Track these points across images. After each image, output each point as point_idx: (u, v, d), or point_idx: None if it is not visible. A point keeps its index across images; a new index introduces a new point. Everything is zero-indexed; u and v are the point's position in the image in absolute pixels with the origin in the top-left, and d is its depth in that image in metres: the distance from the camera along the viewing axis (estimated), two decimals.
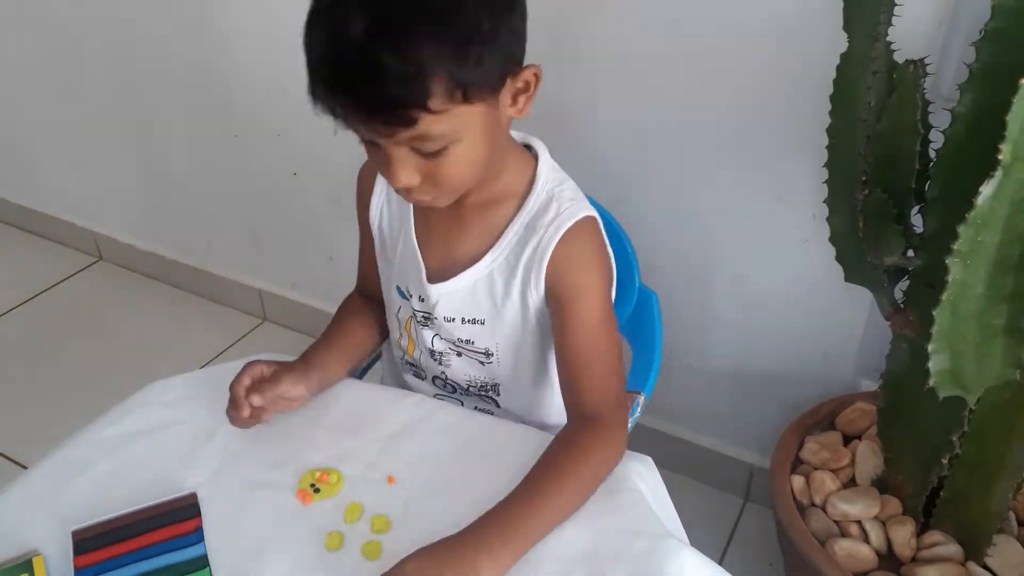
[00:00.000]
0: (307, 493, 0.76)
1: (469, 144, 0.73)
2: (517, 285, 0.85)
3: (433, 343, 0.92)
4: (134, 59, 1.81)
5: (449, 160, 0.73)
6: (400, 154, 0.72)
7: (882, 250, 0.93)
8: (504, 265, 0.85)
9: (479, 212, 0.85)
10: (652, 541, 0.70)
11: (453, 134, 0.71)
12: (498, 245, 0.85)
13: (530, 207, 0.84)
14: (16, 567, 0.70)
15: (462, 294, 0.87)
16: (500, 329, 0.88)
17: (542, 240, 0.82)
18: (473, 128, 0.73)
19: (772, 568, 1.37)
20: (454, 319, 0.89)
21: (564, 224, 0.82)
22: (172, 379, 0.92)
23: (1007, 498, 1.03)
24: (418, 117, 0.68)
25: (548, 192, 0.85)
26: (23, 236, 2.36)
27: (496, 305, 0.87)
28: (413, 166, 0.73)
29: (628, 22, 1.20)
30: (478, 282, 0.86)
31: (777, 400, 1.39)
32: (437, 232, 0.88)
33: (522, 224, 0.84)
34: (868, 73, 0.89)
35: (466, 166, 0.75)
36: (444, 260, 0.88)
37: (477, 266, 0.86)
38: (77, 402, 1.32)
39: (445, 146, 0.72)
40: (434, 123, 0.69)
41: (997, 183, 0.73)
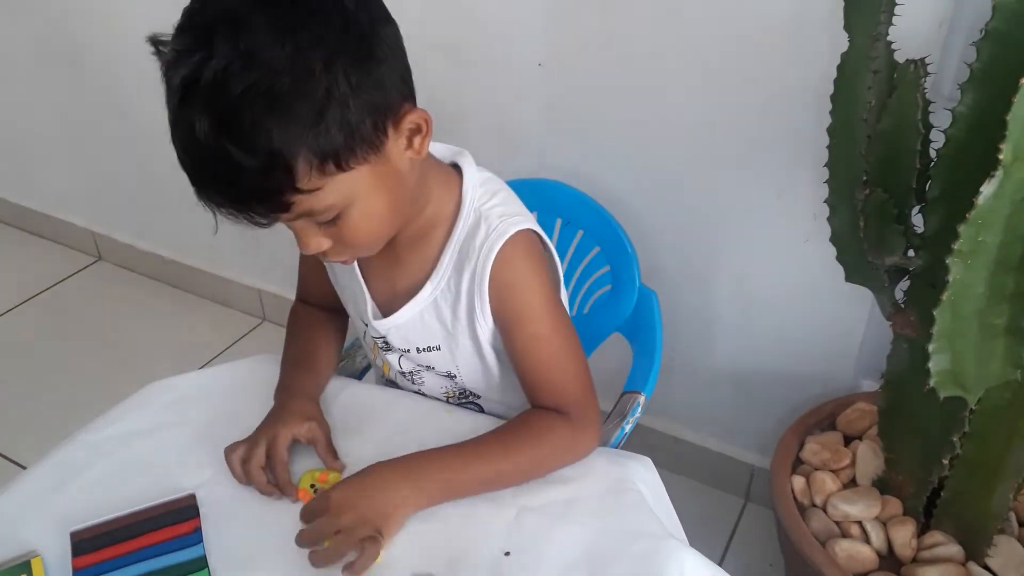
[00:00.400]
0: (307, 493, 0.76)
1: (365, 204, 0.71)
2: (463, 312, 0.84)
3: (400, 364, 0.92)
4: (134, 59, 1.80)
5: (350, 224, 0.72)
6: (300, 226, 0.72)
7: (883, 250, 0.93)
8: (446, 291, 0.84)
9: (411, 245, 0.83)
10: (652, 542, 0.70)
11: (342, 201, 0.70)
12: (435, 273, 0.83)
13: (459, 232, 0.82)
14: (15, 568, 0.69)
15: (411, 325, 0.86)
16: (458, 352, 0.88)
17: (476, 267, 0.80)
18: (363, 188, 0.70)
19: (772, 569, 1.37)
20: (408, 350, 0.89)
21: (494, 247, 0.79)
22: (172, 379, 0.91)
23: (1008, 498, 1.02)
24: (292, 200, 0.67)
25: (475, 213, 0.82)
26: (23, 236, 2.36)
27: (448, 331, 0.86)
28: (318, 233, 0.73)
29: (628, 22, 1.20)
30: (424, 311, 0.85)
31: (777, 400, 1.39)
32: (378, 267, 0.87)
33: (454, 250, 0.82)
34: (869, 73, 0.89)
35: (370, 224, 0.74)
36: (388, 293, 0.87)
37: (418, 297, 0.84)
38: (77, 402, 1.32)
39: (339, 213, 0.71)
40: (313, 199, 0.67)
41: (998, 183, 0.73)
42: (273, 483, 0.77)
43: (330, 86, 0.64)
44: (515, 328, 0.82)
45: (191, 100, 0.64)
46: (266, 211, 0.68)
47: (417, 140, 0.73)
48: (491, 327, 0.84)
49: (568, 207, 1.17)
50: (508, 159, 1.39)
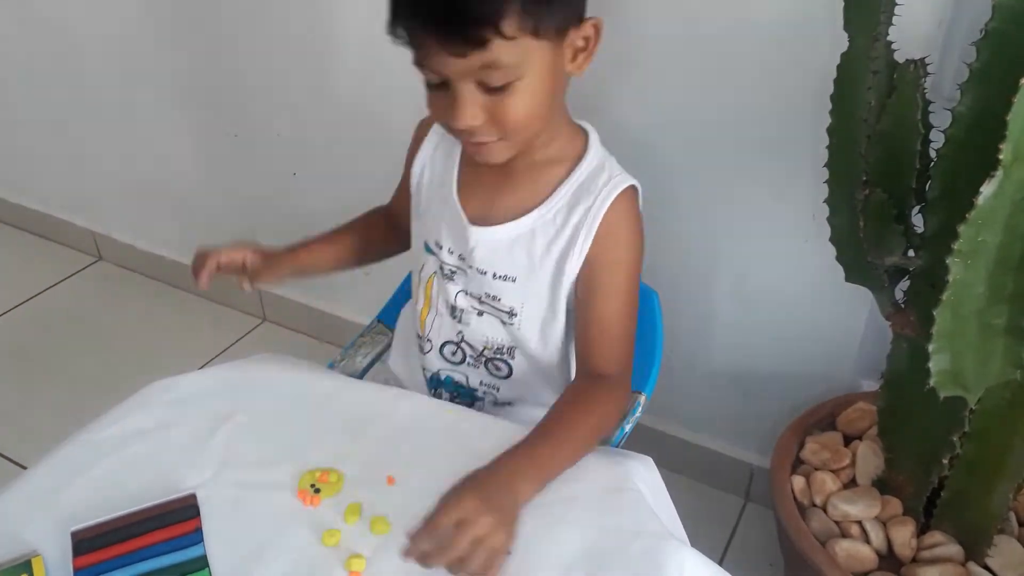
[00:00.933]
0: (307, 493, 0.76)
1: (532, 82, 0.76)
2: (559, 247, 0.87)
3: (456, 299, 0.93)
4: (134, 59, 1.81)
5: (513, 98, 0.76)
6: (467, 90, 0.76)
7: (882, 250, 0.93)
8: (549, 224, 0.87)
9: (529, 171, 0.88)
10: (652, 541, 0.70)
11: (519, 68, 0.75)
12: (548, 202, 0.87)
13: (582, 170, 0.88)
14: (15, 568, 0.70)
15: (500, 246, 0.89)
16: (530, 288, 0.89)
17: (595, 203, 0.85)
18: (537, 66, 0.76)
19: (772, 568, 1.37)
20: (485, 272, 0.90)
21: (617, 188, 0.86)
22: (172, 379, 0.91)
23: (1008, 498, 1.02)
24: (490, 39, 0.72)
25: (600, 160, 0.89)
26: (23, 236, 2.36)
27: (533, 264, 0.88)
28: (478, 104, 0.77)
29: (627, 23, 1.20)
30: (519, 237, 0.88)
31: (777, 400, 1.39)
32: (481, 185, 0.90)
33: (574, 184, 0.87)
34: (868, 73, 0.89)
35: (529, 106, 0.78)
36: (484, 211, 0.90)
37: (522, 220, 0.88)
38: (77, 402, 1.32)
39: (510, 81, 0.75)
40: (503, 50, 0.73)
41: (998, 183, 0.73)
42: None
43: None
44: (605, 274, 0.87)
45: None
46: (465, 41, 0.72)
47: (581, 56, 0.81)
48: (576, 271, 0.87)
49: None
50: None
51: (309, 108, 1.61)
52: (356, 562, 0.69)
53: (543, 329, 0.92)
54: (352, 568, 0.69)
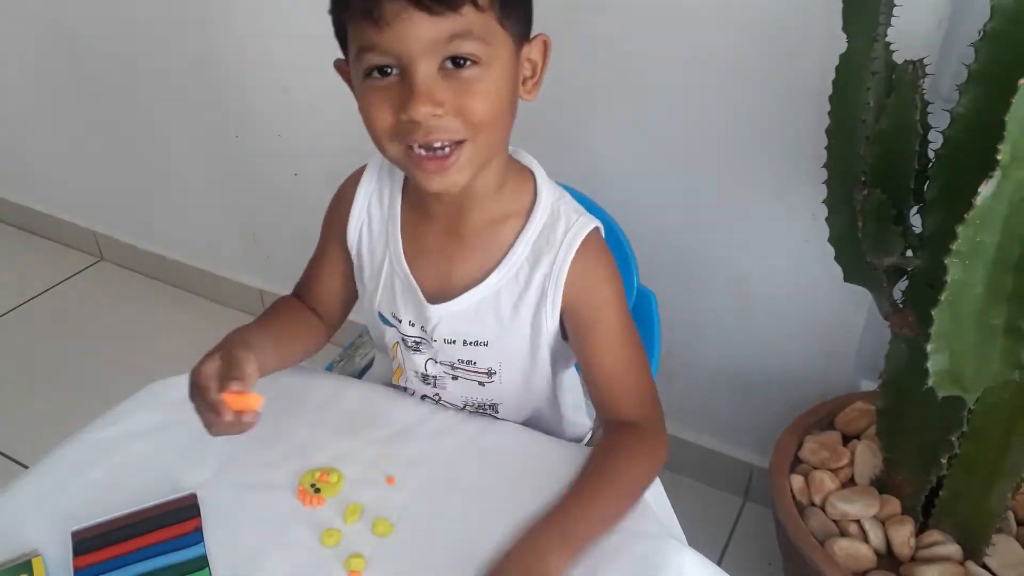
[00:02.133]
0: (307, 493, 0.76)
1: (497, 76, 0.71)
2: (529, 305, 0.82)
3: (427, 367, 0.89)
4: (135, 59, 1.81)
5: (480, 85, 0.70)
6: (428, 68, 0.68)
7: (881, 250, 0.93)
8: (512, 284, 0.82)
9: (480, 230, 0.82)
10: (651, 541, 0.71)
11: (486, 52, 0.70)
12: (505, 262, 0.81)
13: (536, 222, 0.81)
14: (15, 567, 0.70)
15: (465, 315, 0.83)
16: (505, 349, 0.85)
17: (557, 257, 0.80)
18: (502, 60, 0.72)
19: (771, 568, 1.37)
20: (454, 341, 0.85)
21: (577, 238, 0.80)
22: (172, 379, 0.91)
23: (1006, 498, 1.03)
24: (462, 3, 0.67)
25: (552, 207, 0.83)
26: (23, 236, 2.37)
27: (502, 325, 0.83)
28: (441, 87, 0.69)
29: (628, 23, 1.20)
30: (483, 302, 0.83)
31: (776, 400, 1.39)
32: (430, 253, 0.84)
33: (530, 239, 0.81)
34: (867, 74, 0.89)
35: (494, 99, 0.72)
36: (439, 282, 0.84)
37: (482, 285, 0.82)
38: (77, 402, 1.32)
39: (476, 63, 0.69)
40: (475, 20, 0.68)
41: (996, 183, 0.73)
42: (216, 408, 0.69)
43: None
44: (594, 324, 0.82)
45: None
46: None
47: (530, 83, 0.77)
48: (555, 324, 0.83)
49: None
50: None
51: (309, 108, 1.61)
52: (356, 562, 0.70)
53: (525, 382, 0.88)
54: (352, 568, 0.69)
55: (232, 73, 1.68)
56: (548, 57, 0.78)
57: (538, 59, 0.77)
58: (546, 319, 0.82)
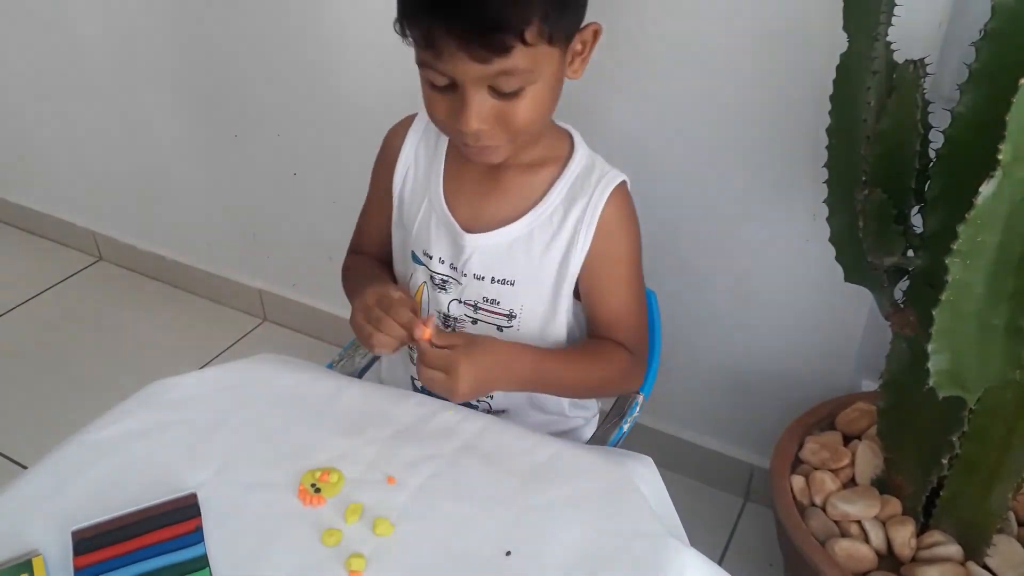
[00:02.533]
0: (308, 493, 0.76)
1: (542, 88, 0.78)
2: (560, 247, 0.88)
3: (449, 308, 0.93)
4: (135, 58, 1.81)
5: (523, 102, 0.78)
6: (478, 95, 0.76)
7: (882, 250, 0.93)
8: (547, 224, 0.88)
9: (518, 175, 0.89)
10: (652, 541, 0.70)
11: (532, 74, 0.76)
12: (542, 203, 0.88)
13: (573, 169, 0.89)
14: (16, 567, 0.70)
15: (497, 251, 0.89)
16: (530, 290, 0.90)
17: (592, 199, 0.87)
18: (547, 72, 0.78)
19: (772, 568, 1.37)
20: (483, 277, 0.90)
21: (610, 185, 0.87)
22: (172, 379, 0.91)
23: (1007, 498, 1.03)
24: (513, 46, 0.72)
25: (588, 158, 0.90)
26: (23, 236, 2.36)
27: (532, 265, 0.89)
28: (488, 108, 0.77)
29: (627, 23, 1.20)
30: (516, 240, 0.88)
31: (777, 400, 1.39)
32: (468, 191, 0.90)
33: (566, 184, 0.88)
34: (868, 73, 0.89)
35: (536, 110, 0.79)
36: (475, 217, 0.90)
37: (517, 223, 0.88)
38: (77, 402, 1.32)
39: (522, 87, 0.77)
40: (522, 57, 0.74)
41: (997, 183, 0.73)
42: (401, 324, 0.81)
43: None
44: (612, 264, 0.89)
45: None
46: (486, 47, 0.72)
47: (577, 61, 0.83)
48: (579, 267, 0.88)
49: None
50: None
51: (309, 108, 1.61)
52: (356, 562, 0.69)
53: (543, 328, 0.92)
54: (352, 568, 0.69)
55: (232, 73, 1.68)
56: (597, 41, 0.84)
57: (588, 39, 0.83)
58: (573, 261, 0.88)
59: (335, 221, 1.73)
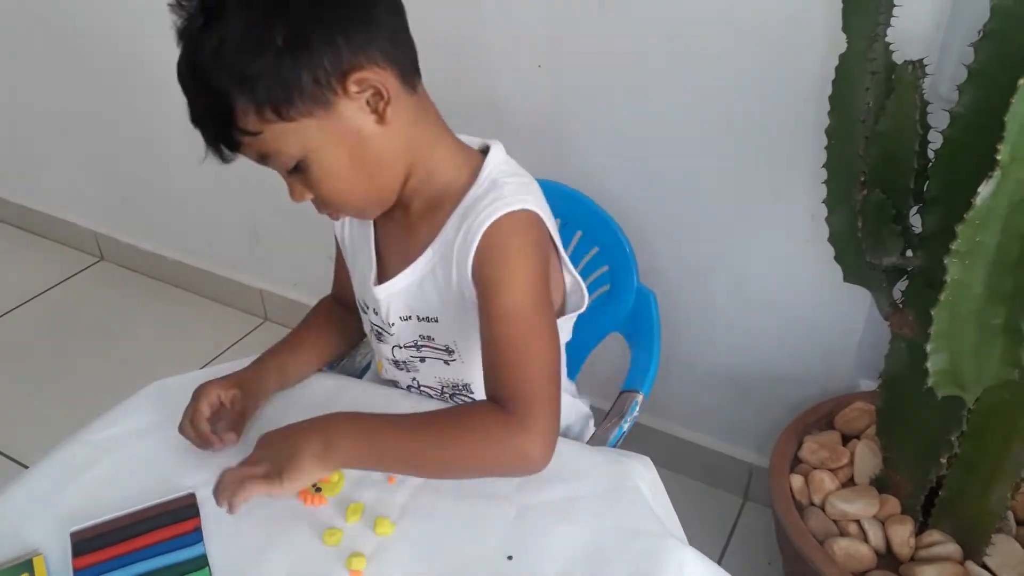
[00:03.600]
0: (308, 493, 0.76)
1: (321, 159, 0.75)
2: (454, 276, 0.81)
3: (395, 353, 0.92)
4: (135, 58, 1.81)
5: (312, 177, 0.77)
6: (284, 177, 0.79)
7: (881, 250, 0.93)
8: (447, 257, 0.81)
9: (423, 214, 0.84)
10: (651, 541, 0.71)
11: (295, 151, 0.75)
12: (439, 236, 0.82)
13: (469, 198, 0.80)
14: (16, 567, 0.70)
15: (410, 291, 0.86)
16: (454, 324, 0.86)
17: (471, 226, 0.78)
18: (314, 142, 0.74)
19: (771, 567, 1.37)
20: (409, 317, 0.88)
21: (497, 212, 0.77)
22: (172, 379, 0.92)
23: (1006, 498, 1.03)
24: (239, 140, 0.74)
25: (490, 182, 0.81)
26: (23, 236, 2.37)
27: (444, 299, 0.84)
28: (296, 183, 0.79)
29: (627, 24, 1.20)
30: (424, 278, 0.84)
31: (776, 399, 1.39)
32: (391, 237, 0.89)
33: (458, 215, 0.81)
34: (867, 74, 0.89)
35: (332, 181, 0.78)
36: (397, 264, 0.87)
37: (419, 261, 0.84)
38: (77, 402, 1.32)
39: (297, 164, 0.76)
40: (260, 143, 0.74)
41: (995, 183, 0.73)
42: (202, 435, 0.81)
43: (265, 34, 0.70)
44: (489, 295, 0.77)
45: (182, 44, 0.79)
46: (225, 143, 0.75)
47: (381, 105, 0.75)
48: (470, 285, 0.80)
49: (567, 208, 1.17)
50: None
51: None
52: (357, 561, 0.70)
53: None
54: (353, 567, 0.69)
55: None
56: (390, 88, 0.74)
57: (373, 78, 0.73)
58: (466, 289, 0.80)
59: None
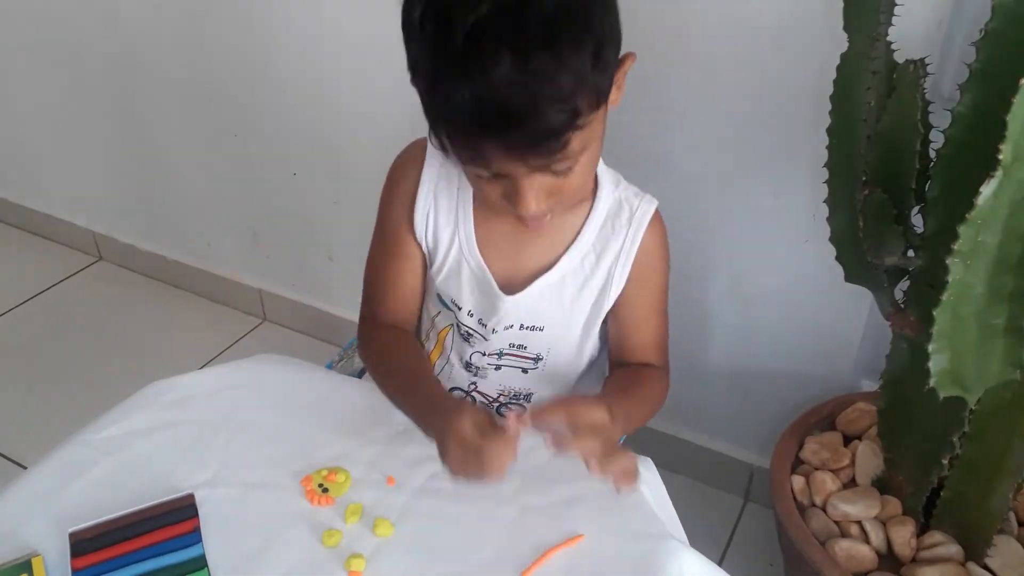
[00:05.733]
0: (316, 493, 0.76)
1: (592, 150, 0.74)
2: (593, 288, 0.86)
3: (472, 357, 0.91)
4: (135, 58, 1.81)
5: (576, 173, 0.74)
6: (535, 182, 0.72)
7: (882, 250, 0.93)
8: (579, 269, 0.85)
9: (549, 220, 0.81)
10: (652, 542, 0.70)
11: (585, 145, 0.72)
12: (573, 248, 0.85)
13: (601, 208, 0.85)
14: (15, 568, 0.70)
15: (528, 301, 0.86)
16: (559, 333, 0.88)
17: (624, 244, 0.85)
18: (598, 132, 0.74)
19: (772, 568, 1.37)
20: (512, 326, 0.87)
21: (642, 225, 0.85)
22: (172, 379, 0.91)
23: (1007, 498, 1.02)
24: (570, 139, 0.68)
25: (615, 193, 0.87)
26: (23, 236, 2.36)
27: (563, 310, 0.87)
28: (545, 188, 0.73)
29: (627, 23, 1.20)
30: (547, 288, 0.86)
31: (777, 400, 1.39)
32: (500, 243, 0.86)
33: (596, 225, 0.85)
34: (868, 73, 0.89)
35: (588, 173, 0.77)
36: (509, 269, 0.86)
37: (549, 273, 0.85)
38: (77, 402, 1.32)
39: (578, 160, 0.72)
40: (577, 139, 0.69)
41: (997, 183, 0.73)
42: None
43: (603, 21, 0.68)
44: (647, 295, 0.88)
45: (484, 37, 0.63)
46: (547, 153, 0.68)
47: (616, 93, 0.76)
48: (612, 304, 0.87)
49: None
50: None
51: (309, 108, 1.61)
52: (356, 562, 0.69)
53: (567, 365, 0.92)
54: (352, 568, 0.69)
55: (232, 72, 1.68)
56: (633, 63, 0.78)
57: (626, 69, 0.77)
58: (606, 303, 0.87)
59: (335, 221, 1.74)
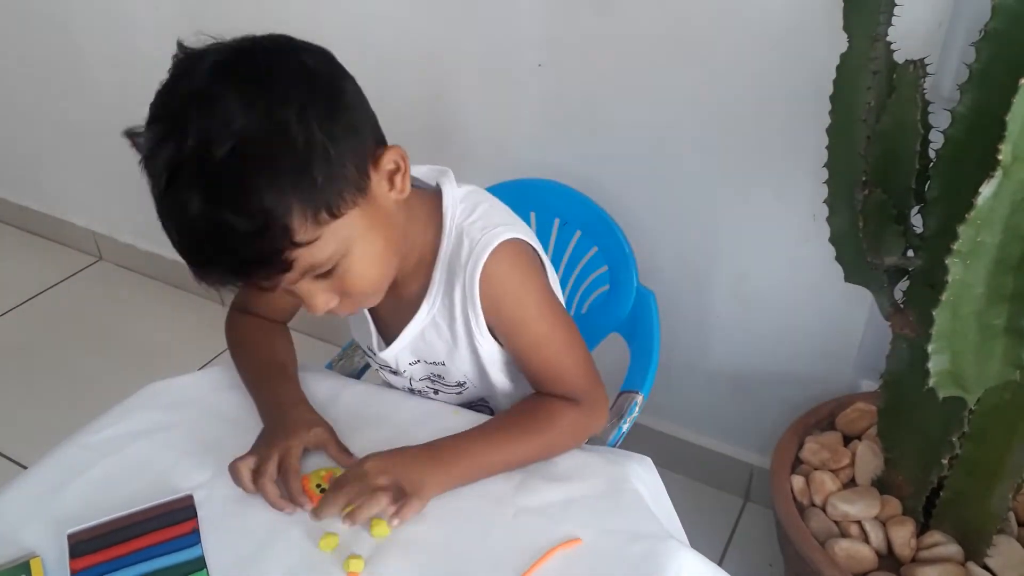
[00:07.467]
0: (314, 494, 0.76)
1: (363, 248, 0.72)
2: (461, 329, 0.85)
3: (410, 383, 0.95)
4: (135, 58, 1.81)
5: (352, 271, 0.72)
6: (306, 288, 0.72)
7: (882, 250, 0.93)
8: (442, 309, 0.85)
9: (408, 275, 0.84)
10: (651, 542, 0.70)
11: (341, 249, 0.70)
12: (428, 294, 0.84)
13: (444, 251, 0.83)
14: (14, 569, 0.70)
15: (415, 343, 0.88)
16: (462, 365, 0.90)
17: (465, 285, 0.81)
18: (358, 232, 0.71)
19: (772, 569, 1.37)
20: (417, 361, 0.91)
21: (479, 263, 0.80)
22: (171, 380, 0.92)
23: (1007, 498, 1.02)
24: (293, 257, 0.67)
25: (456, 230, 0.83)
26: (23, 236, 2.37)
27: (449, 347, 0.88)
28: (324, 290, 0.73)
29: (627, 23, 1.20)
30: (425, 330, 0.87)
31: (777, 400, 1.39)
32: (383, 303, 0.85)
33: (442, 269, 0.83)
34: (868, 73, 0.89)
35: (371, 268, 0.75)
36: (389, 320, 0.89)
37: (417, 317, 0.86)
38: (77, 402, 1.32)
39: (338, 263, 0.71)
40: (314, 251, 0.68)
41: (997, 183, 0.73)
42: (286, 496, 0.75)
43: (308, 137, 0.65)
44: (515, 335, 0.85)
45: (177, 181, 0.64)
46: (269, 273, 0.68)
47: (398, 179, 0.75)
48: (490, 341, 0.86)
49: (566, 207, 1.17)
50: (508, 159, 1.39)
51: None
52: (354, 563, 0.69)
53: (497, 387, 0.93)
54: (350, 569, 0.69)
55: None
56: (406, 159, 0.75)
57: (398, 159, 0.74)
58: (478, 339, 0.86)
59: None
